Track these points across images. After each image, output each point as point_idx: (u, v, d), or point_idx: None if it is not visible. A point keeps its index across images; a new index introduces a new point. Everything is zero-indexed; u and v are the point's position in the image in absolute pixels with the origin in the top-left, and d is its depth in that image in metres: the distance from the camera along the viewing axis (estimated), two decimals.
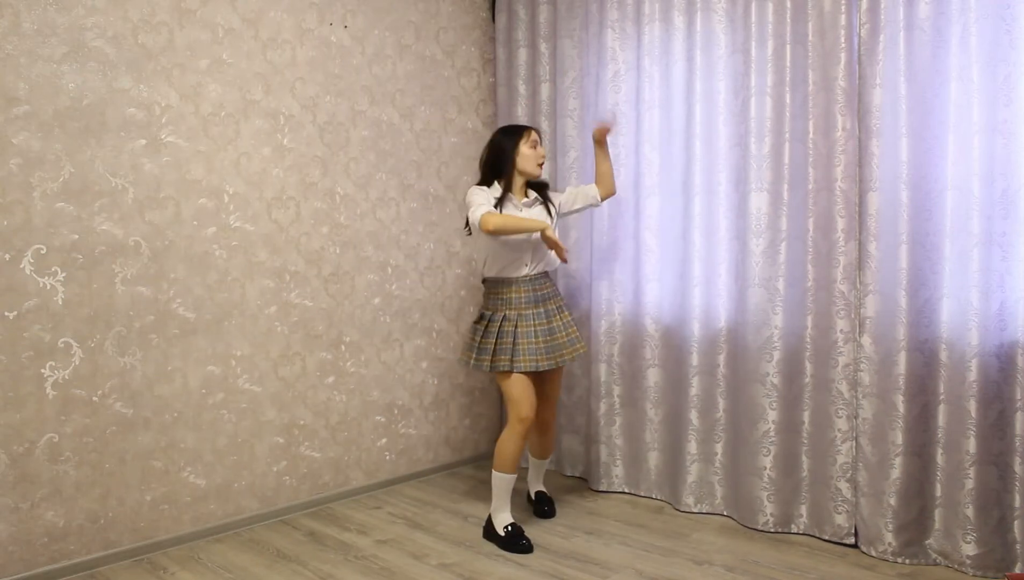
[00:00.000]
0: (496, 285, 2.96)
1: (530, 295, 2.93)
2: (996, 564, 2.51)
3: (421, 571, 2.66)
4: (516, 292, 2.93)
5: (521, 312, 2.92)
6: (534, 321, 2.92)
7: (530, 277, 2.94)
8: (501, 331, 2.89)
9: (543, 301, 2.96)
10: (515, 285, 2.93)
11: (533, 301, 2.94)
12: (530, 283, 2.94)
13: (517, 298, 2.93)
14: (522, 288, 2.93)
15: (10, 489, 2.47)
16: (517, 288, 2.93)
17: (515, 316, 2.91)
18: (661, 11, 3.27)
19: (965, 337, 2.53)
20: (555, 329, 2.95)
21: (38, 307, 2.51)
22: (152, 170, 2.76)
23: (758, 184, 2.98)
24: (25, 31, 2.47)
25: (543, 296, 2.97)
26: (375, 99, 3.47)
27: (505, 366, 2.86)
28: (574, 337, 3.00)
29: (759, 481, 2.99)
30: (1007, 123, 2.44)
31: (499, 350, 2.88)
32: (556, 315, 2.98)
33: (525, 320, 2.91)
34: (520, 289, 2.93)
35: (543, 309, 2.95)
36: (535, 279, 2.95)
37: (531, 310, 2.93)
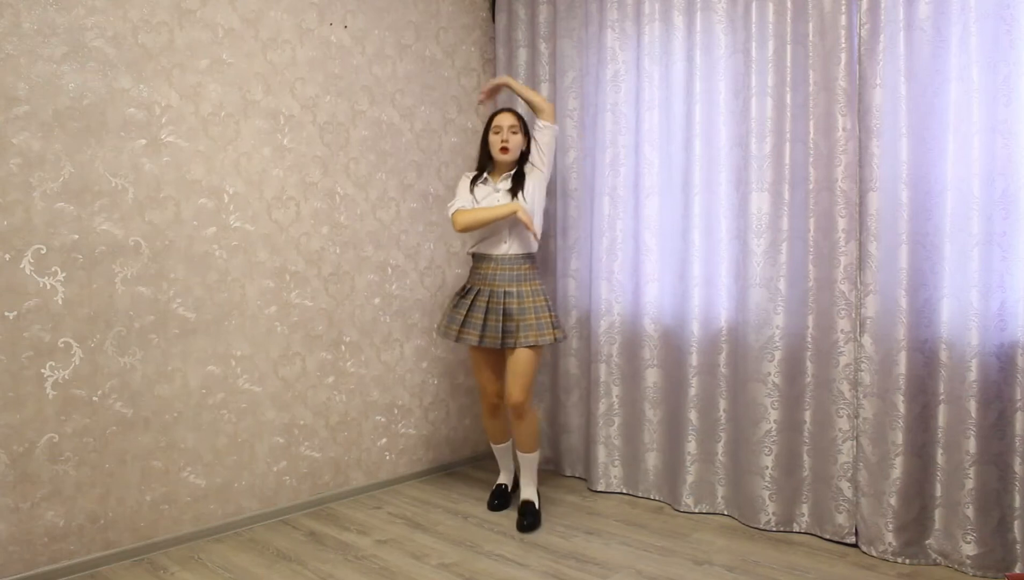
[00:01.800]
0: (478, 260, 3.10)
1: (508, 273, 3.03)
2: (996, 564, 2.51)
3: (421, 571, 2.66)
4: (495, 269, 3.03)
5: (494, 289, 3.02)
6: (504, 299, 3.00)
7: (510, 256, 3.03)
8: (470, 303, 3.04)
9: (519, 281, 3.04)
10: (495, 262, 3.05)
11: (509, 279, 3.02)
12: (510, 262, 3.04)
13: (494, 274, 3.03)
14: (501, 266, 3.03)
15: (10, 489, 2.47)
16: (496, 265, 3.04)
17: (488, 292, 3.02)
18: (661, 11, 3.27)
19: (965, 337, 2.53)
20: (520, 311, 2.99)
21: (38, 307, 2.51)
22: (152, 170, 2.76)
23: (759, 184, 2.98)
24: (25, 31, 2.47)
25: (521, 276, 3.04)
26: (375, 99, 3.47)
27: (451, 335, 3.05)
28: (542, 322, 3.00)
29: (761, 480, 3.00)
30: (1007, 123, 2.45)
31: (455, 319, 3.05)
32: (529, 298, 3.03)
33: (496, 296, 3.00)
34: (499, 266, 3.03)
35: (517, 288, 3.02)
36: (515, 258, 3.05)
37: (504, 288, 3.01)
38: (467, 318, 3.03)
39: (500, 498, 3.27)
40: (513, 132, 3.07)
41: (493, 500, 3.26)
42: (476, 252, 3.11)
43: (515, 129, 3.08)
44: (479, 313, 3.01)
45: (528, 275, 3.07)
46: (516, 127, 3.08)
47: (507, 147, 3.05)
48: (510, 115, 3.11)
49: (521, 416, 3.04)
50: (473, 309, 3.03)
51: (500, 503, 3.26)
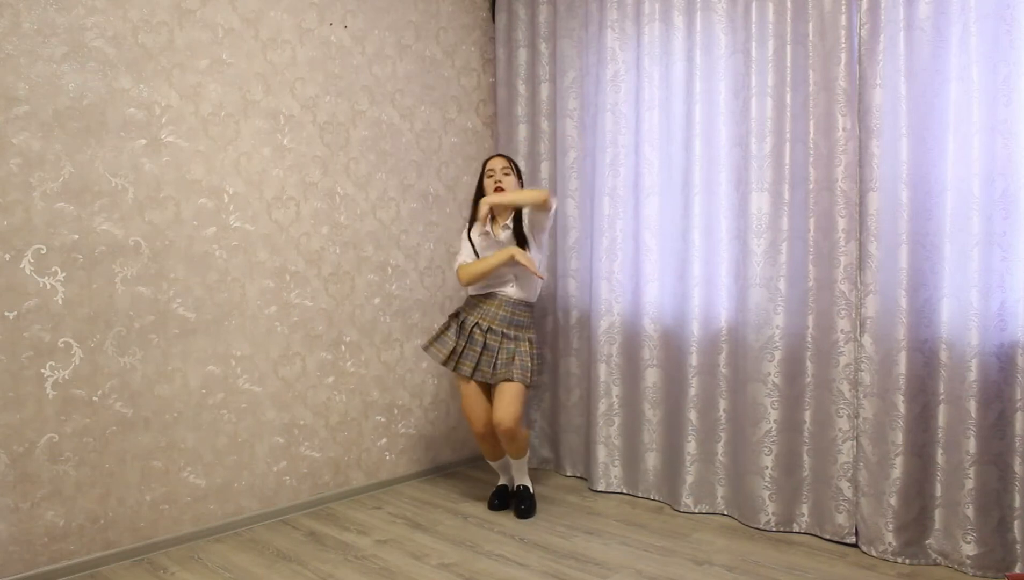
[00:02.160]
0: (480, 299, 3.11)
1: (508, 316, 3.08)
2: (996, 564, 2.51)
3: (421, 571, 2.66)
4: (497, 307, 3.07)
5: (493, 326, 3.06)
6: (502, 338, 3.05)
7: (513, 299, 3.08)
8: (469, 335, 3.07)
9: (517, 326, 3.10)
10: (498, 301, 3.08)
11: (508, 322, 3.07)
12: (512, 305, 3.09)
13: (495, 313, 3.07)
14: (504, 307, 3.07)
15: (10, 489, 2.47)
16: (499, 304, 3.07)
17: (486, 327, 3.06)
18: (661, 11, 3.27)
19: (965, 337, 2.53)
20: (512, 352, 3.05)
21: (38, 307, 2.51)
22: (152, 170, 2.76)
23: (759, 184, 2.98)
24: (25, 31, 2.47)
25: (519, 322, 3.11)
26: (375, 99, 3.47)
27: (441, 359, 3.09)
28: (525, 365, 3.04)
29: (761, 480, 3.00)
30: (1007, 123, 2.45)
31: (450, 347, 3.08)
32: (524, 343, 3.08)
33: (494, 334, 3.06)
34: (502, 307, 3.07)
35: (513, 333, 3.08)
36: (517, 303, 3.10)
37: (502, 329, 3.06)
38: (466, 350, 3.07)
39: (500, 497, 3.28)
40: (506, 173, 3.14)
41: (494, 499, 3.28)
42: (478, 294, 3.13)
43: (507, 171, 3.15)
44: (476, 346, 3.05)
45: (525, 323, 3.13)
46: (508, 169, 3.16)
47: (502, 188, 3.10)
48: (501, 159, 3.19)
49: (513, 439, 3.07)
50: (471, 342, 3.07)
51: (501, 503, 3.27)
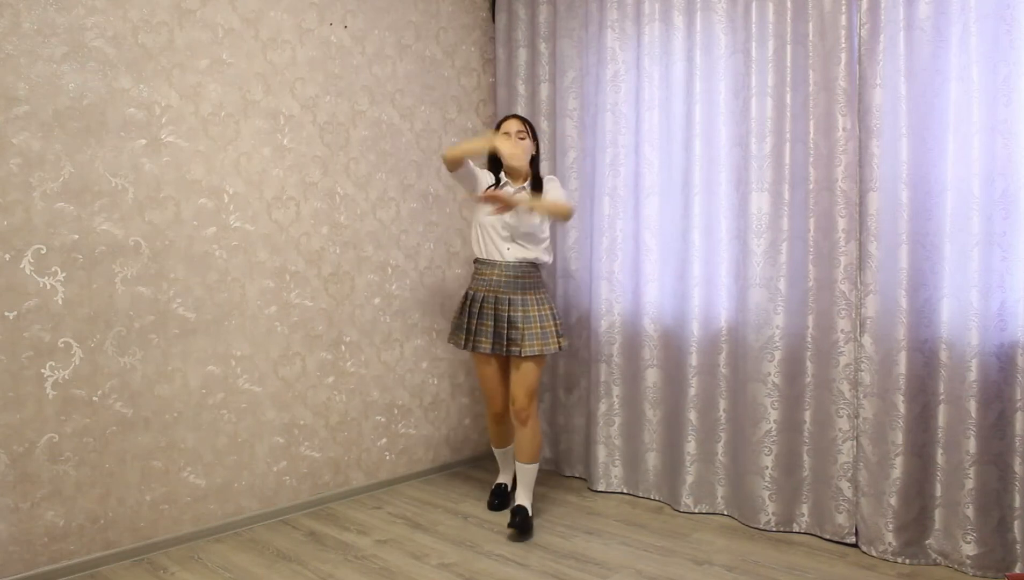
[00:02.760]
0: (481, 265, 3.04)
1: (512, 281, 2.98)
2: (996, 564, 2.51)
3: (421, 571, 2.66)
4: (499, 274, 2.98)
5: (499, 294, 2.98)
6: (508, 306, 2.96)
7: (513, 263, 2.98)
8: (479, 312, 2.99)
9: (524, 289, 2.99)
10: (498, 268, 2.99)
11: (514, 287, 2.98)
12: (513, 269, 2.98)
13: (498, 280, 2.98)
14: (505, 272, 2.98)
15: (10, 489, 2.47)
16: (500, 271, 2.99)
17: (493, 298, 2.98)
18: (661, 11, 3.27)
19: (965, 337, 2.53)
20: (525, 319, 2.95)
21: (38, 307, 2.51)
22: (152, 170, 2.76)
23: (759, 184, 2.98)
24: (25, 31, 2.47)
25: (526, 284, 3.00)
26: (375, 99, 3.47)
27: (461, 344, 3.03)
28: (546, 331, 2.96)
29: (761, 480, 3.00)
30: (1007, 123, 2.45)
31: (463, 327, 3.03)
32: (534, 306, 2.98)
33: (501, 303, 2.97)
34: (503, 272, 2.98)
35: (521, 297, 2.98)
36: (518, 265, 2.99)
37: (509, 295, 2.97)
38: (477, 326, 2.98)
39: (500, 497, 3.26)
40: (521, 137, 3.02)
41: (493, 500, 3.26)
42: (480, 258, 3.05)
43: (522, 134, 3.03)
44: (488, 320, 2.97)
45: (532, 283, 3.02)
46: (524, 132, 3.03)
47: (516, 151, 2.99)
48: (516, 121, 3.06)
49: (525, 422, 2.98)
50: (481, 317, 2.98)
51: (500, 503, 3.24)
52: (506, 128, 3.04)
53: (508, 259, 2.98)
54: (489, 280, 2.99)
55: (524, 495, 3.04)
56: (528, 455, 3.02)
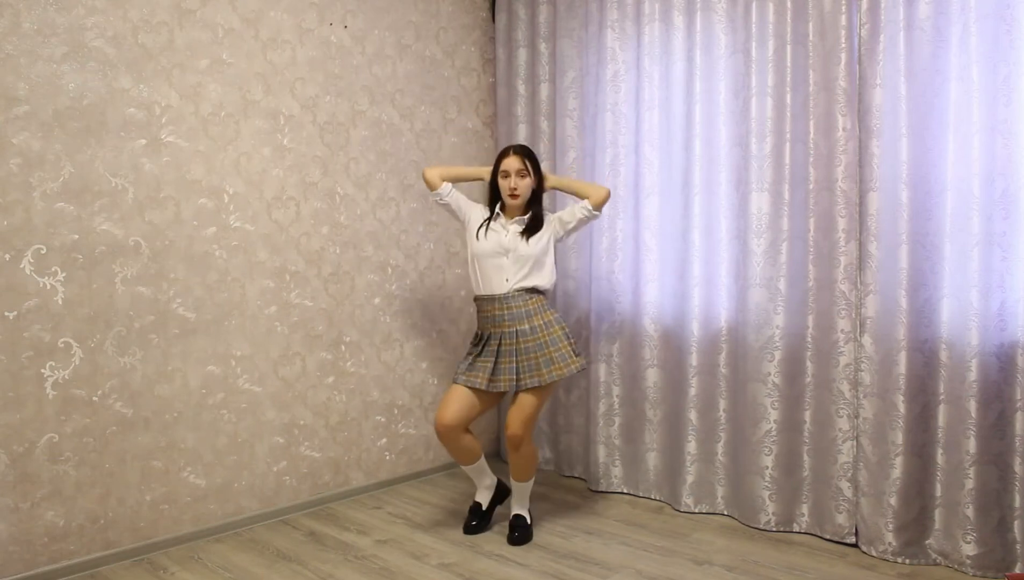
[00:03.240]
0: (482, 302, 2.95)
1: (513, 312, 2.87)
2: (996, 564, 2.51)
3: (421, 571, 2.66)
4: (500, 309, 2.88)
5: (505, 330, 2.88)
6: (517, 339, 2.86)
7: (513, 293, 2.88)
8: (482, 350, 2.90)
9: (530, 316, 2.88)
10: (498, 302, 2.89)
11: (519, 317, 2.87)
12: (514, 299, 2.88)
13: (500, 315, 2.88)
14: (506, 304, 2.88)
15: (10, 489, 2.47)
16: (500, 305, 2.88)
17: (499, 334, 2.88)
18: (661, 11, 3.27)
19: (965, 337, 2.53)
20: (536, 347, 2.85)
21: (38, 307, 2.51)
22: (152, 170, 2.76)
23: (759, 184, 2.98)
24: (25, 31, 2.47)
25: (531, 311, 2.88)
26: (375, 99, 3.47)
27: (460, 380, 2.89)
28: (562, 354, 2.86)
29: (761, 480, 3.00)
30: (1007, 123, 2.45)
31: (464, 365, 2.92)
32: (543, 331, 2.87)
33: (508, 338, 2.87)
34: (504, 306, 2.88)
35: (528, 325, 2.87)
36: (519, 294, 2.88)
37: (515, 327, 2.86)
38: (477, 362, 2.89)
39: (477, 518, 3.05)
40: (521, 177, 2.91)
41: (470, 521, 3.04)
42: (478, 294, 2.96)
43: (523, 173, 2.92)
44: (488, 358, 2.87)
45: (538, 309, 2.90)
46: (524, 171, 2.92)
47: (516, 193, 2.91)
48: (517, 159, 2.93)
49: (517, 448, 2.87)
50: (483, 354, 2.89)
51: (479, 524, 3.03)
52: (506, 167, 2.93)
53: (507, 290, 2.89)
54: (491, 316, 2.90)
55: (520, 504, 3.01)
56: (522, 475, 2.96)
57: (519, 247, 2.90)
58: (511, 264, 2.89)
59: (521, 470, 2.93)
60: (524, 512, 2.99)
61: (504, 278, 2.89)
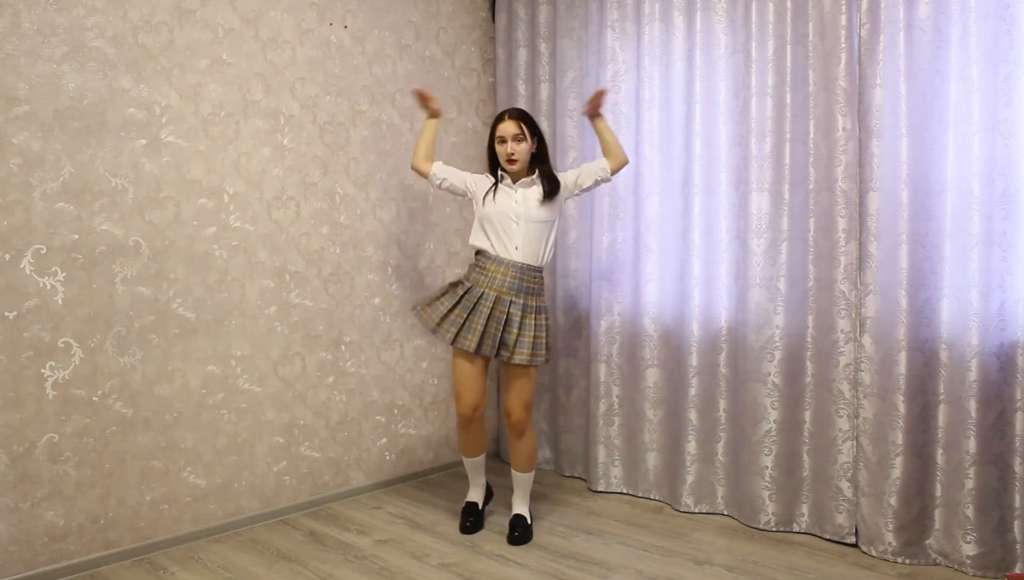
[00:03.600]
0: (486, 260, 2.86)
1: (517, 282, 2.82)
2: (996, 564, 2.51)
3: (421, 571, 2.66)
4: (503, 273, 2.82)
5: (501, 294, 2.82)
6: (508, 308, 2.80)
7: (521, 264, 2.83)
8: (473, 307, 2.81)
9: (527, 293, 2.84)
10: (504, 266, 2.83)
11: (517, 289, 2.82)
12: (520, 270, 2.83)
13: (503, 280, 2.82)
14: (511, 272, 2.82)
15: (10, 489, 2.47)
16: (506, 270, 2.82)
17: (493, 297, 2.81)
18: (661, 11, 3.27)
19: (965, 337, 2.53)
20: (520, 325, 2.80)
21: (38, 307, 2.51)
22: (152, 170, 2.76)
23: (759, 184, 2.98)
24: (25, 31, 2.47)
25: (529, 289, 2.84)
26: (375, 99, 3.47)
27: (445, 336, 2.83)
28: (537, 342, 2.82)
29: (761, 480, 3.00)
30: (1007, 123, 2.45)
31: (454, 319, 2.83)
32: (531, 314, 2.83)
33: (501, 304, 2.81)
34: (508, 272, 2.82)
35: (522, 301, 2.82)
36: (525, 269, 2.84)
37: (510, 297, 2.81)
38: (467, 322, 2.81)
39: (473, 517, 3.03)
40: (518, 141, 2.85)
41: (465, 521, 3.01)
42: (484, 251, 2.89)
43: (519, 138, 2.85)
44: (480, 318, 2.80)
45: (535, 289, 2.87)
46: (520, 135, 2.85)
47: (514, 158, 2.85)
48: (512, 123, 2.86)
49: (521, 434, 2.88)
50: (475, 313, 2.81)
51: (473, 523, 3.01)
52: (501, 132, 2.86)
53: (516, 259, 2.83)
54: (492, 278, 2.82)
55: (521, 503, 3.00)
56: (525, 465, 2.95)
57: (531, 212, 2.85)
58: (521, 231, 2.84)
59: (524, 458, 2.93)
60: (524, 511, 2.99)
61: (514, 245, 2.85)
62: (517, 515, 2.98)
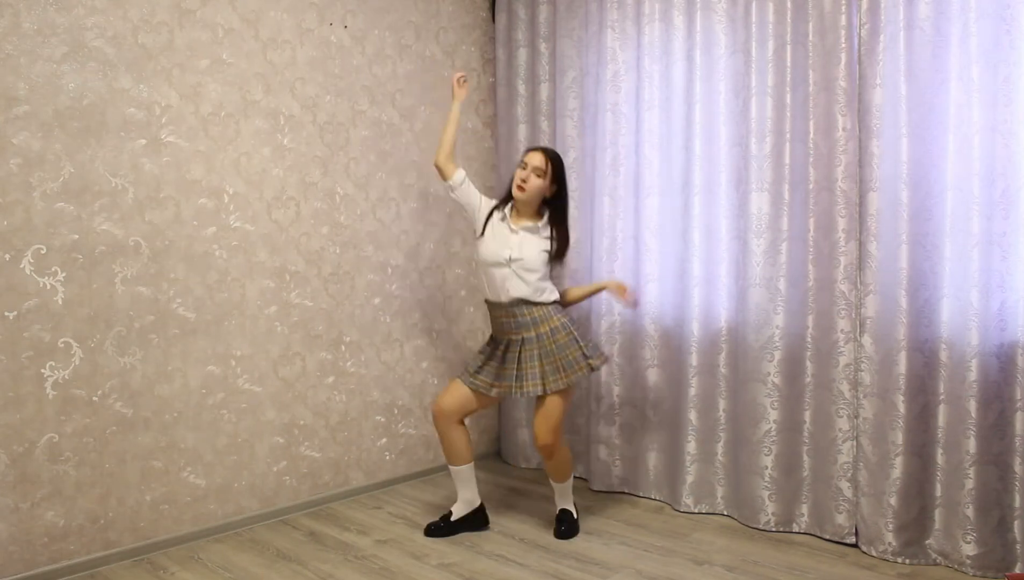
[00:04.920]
0: (490, 307, 2.97)
1: (519, 320, 2.85)
2: (996, 564, 2.51)
3: (421, 571, 2.66)
4: (505, 317, 2.88)
5: (512, 338, 2.87)
6: (523, 347, 2.84)
7: (514, 301, 2.84)
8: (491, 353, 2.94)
9: (535, 325, 2.84)
10: (503, 310, 2.88)
11: (523, 325, 2.85)
12: (518, 308, 2.84)
13: (507, 323, 2.88)
14: (510, 313, 2.86)
15: (10, 489, 2.47)
16: (506, 313, 2.87)
17: (506, 341, 2.90)
18: (661, 11, 3.27)
19: (965, 337, 2.53)
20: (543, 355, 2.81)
21: (38, 307, 2.51)
22: (152, 170, 2.76)
23: (759, 184, 2.98)
24: (25, 31, 2.47)
25: (535, 320, 2.84)
26: (375, 99, 3.47)
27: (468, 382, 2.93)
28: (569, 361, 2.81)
29: (761, 480, 3.00)
30: (1007, 123, 2.45)
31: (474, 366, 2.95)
32: (548, 340, 2.83)
33: (514, 345, 2.86)
34: (508, 314, 2.87)
35: (534, 333, 2.84)
36: (519, 303, 2.84)
37: (522, 335, 2.85)
38: (485, 365, 2.93)
39: (442, 521, 2.98)
40: (536, 175, 2.81)
41: (431, 523, 2.99)
42: (486, 299, 2.97)
43: (540, 173, 2.81)
44: (495, 361, 2.90)
45: (544, 316, 2.84)
46: (541, 171, 2.81)
47: (523, 186, 2.82)
48: (541, 157, 2.83)
49: (551, 456, 2.90)
50: (492, 357, 2.92)
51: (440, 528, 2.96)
52: (527, 159, 2.85)
53: (505, 301, 2.86)
54: (501, 323, 2.91)
55: (565, 499, 3.05)
56: (559, 477, 2.99)
57: (526, 261, 2.84)
58: (513, 275, 2.84)
59: (558, 473, 2.99)
60: (570, 506, 3.05)
61: (507, 288, 2.85)
62: (563, 510, 3.03)
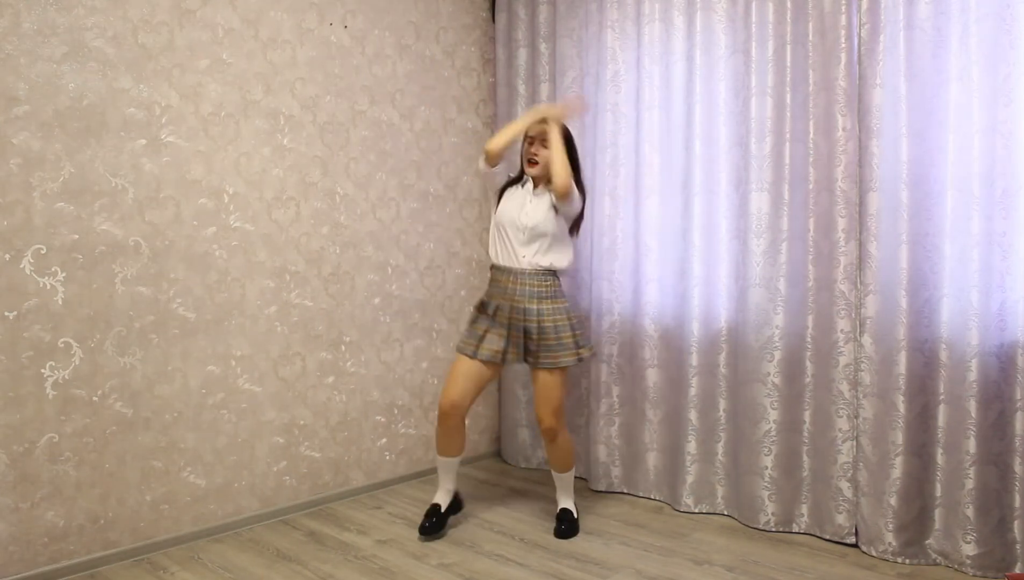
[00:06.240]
0: (497, 272, 2.93)
1: (526, 289, 2.85)
2: (996, 564, 2.51)
3: (421, 571, 2.66)
4: (513, 282, 2.87)
5: (514, 304, 2.85)
6: (524, 316, 2.85)
7: (529, 270, 2.86)
8: (491, 317, 2.88)
9: (540, 298, 2.86)
10: (514, 275, 2.87)
11: (530, 295, 2.85)
12: (530, 277, 2.86)
13: (514, 288, 2.86)
14: (521, 280, 2.86)
15: (10, 489, 2.47)
16: (515, 278, 2.87)
17: (508, 307, 2.86)
18: (661, 11, 3.27)
19: (965, 337, 2.53)
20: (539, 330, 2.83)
21: (38, 307, 2.51)
22: (152, 170, 2.76)
23: (759, 184, 2.98)
24: (25, 31, 2.47)
25: (542, 294, 2.87)
26: (375, 99, 3.47)
27: (468, 351, 2.88)
28: (563, 343, 2.84)
29: (760, 480, 3.00)
30: (1007, 123, 2.45)
31: (475, 334, 2.90)
32: (549, 317, 2.85)
33: (516, 312, 2.85)
34: (519, 281, 2.86)
35: (536, 306, 2.85)
36: (535, 274, 2.86)
37: (524, 304, 2.85)
38: (487, 333, 2.87)
39: (435, 517, 2.94)
40: (544, 145, 2.85)
41: (426, 521, 2.92)
42: (496, 264, 2.94)
43: (546, 140, 2.85)
44: (501, 329, 2.86)
45: (550, 293, 2.87)
46: (546, 135, 2.85)
47: (535, 160, 2.87)
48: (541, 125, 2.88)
49: (554, 439, 2.90)
50: (495, 324, 2.87)
51: (433, 525, 2.92)
52: (532, 131, 2.87)
53: (524, 266, 2.86)
54: (504, 288, 2.87)
55: (566, 498, 3.04)
56: (562, 466, 2.99)
57: (539, 223, 2.85)
58: (528, 239, 2.87)
59: (561, 460, 2.97)
60: (570, 505, 3.03)
61: (521, 254, 2.87)
62: (563, 509, 3.02)
